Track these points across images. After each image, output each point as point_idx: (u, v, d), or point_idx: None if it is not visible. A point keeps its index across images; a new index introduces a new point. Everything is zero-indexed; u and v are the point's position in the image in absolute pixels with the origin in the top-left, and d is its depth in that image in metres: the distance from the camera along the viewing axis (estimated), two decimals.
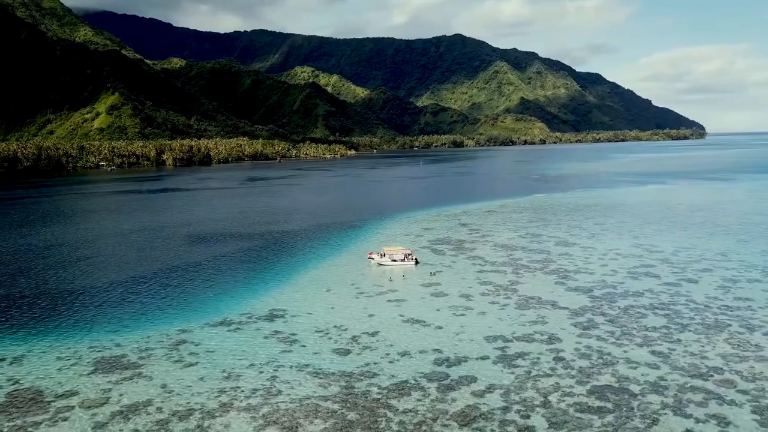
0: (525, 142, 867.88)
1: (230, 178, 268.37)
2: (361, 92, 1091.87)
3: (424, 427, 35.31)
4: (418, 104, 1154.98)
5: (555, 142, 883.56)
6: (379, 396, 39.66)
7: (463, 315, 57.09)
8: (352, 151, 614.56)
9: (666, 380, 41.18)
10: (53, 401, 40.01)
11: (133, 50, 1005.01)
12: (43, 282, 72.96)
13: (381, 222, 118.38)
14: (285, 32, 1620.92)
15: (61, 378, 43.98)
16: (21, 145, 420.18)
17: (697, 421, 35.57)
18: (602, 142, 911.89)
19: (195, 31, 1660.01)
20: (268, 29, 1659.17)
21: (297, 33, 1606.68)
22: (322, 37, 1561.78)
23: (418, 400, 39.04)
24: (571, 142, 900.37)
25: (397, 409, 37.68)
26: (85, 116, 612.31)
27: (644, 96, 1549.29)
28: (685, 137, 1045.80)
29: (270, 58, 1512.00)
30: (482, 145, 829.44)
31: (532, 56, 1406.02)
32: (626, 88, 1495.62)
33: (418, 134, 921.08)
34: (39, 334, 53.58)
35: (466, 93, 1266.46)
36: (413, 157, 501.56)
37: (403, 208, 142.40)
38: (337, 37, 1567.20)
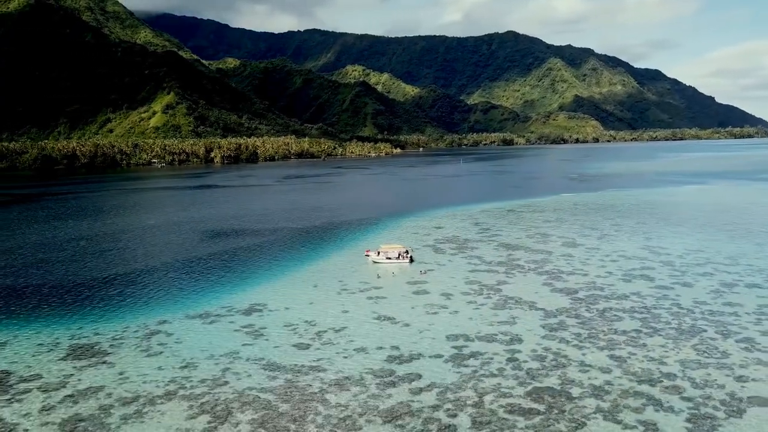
0: (577, 141, 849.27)
1: (269, 175, 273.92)
2: (411, 90, 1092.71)
3: (347, 422, 35.91)
4: (469, 102, 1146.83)
5: (608, 141, 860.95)
6: (318, 390, 40.46)
7: (435, 314, 57.18)
8: (398, 150, 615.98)
9: (612, 385, 40.34)
10: (16, 384, 42.62)
11: (190, 51, 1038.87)
12: (48, 273, 77.08)
13: (394, 220, 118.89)
14: (337, 31, 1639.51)
15: (32, 362, 46.72)
16: (80, 143, 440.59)
17: (625, 427, 34.80)
18: (659, 140, 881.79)
19: (251, 31, 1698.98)
20: (321, 29, 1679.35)
21: (349, 32, 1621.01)
22: (373, 36, 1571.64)
23: (354, 395, 39.63)
24: (625, 140, 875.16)
25: (330, 403, 38.39)
26: (142, 115, 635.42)
27: (707, 93, 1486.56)
28: (749, 135, 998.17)
29: (322, 57, 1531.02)
30: (533, 144, 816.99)
31: (588, 53, 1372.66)
32: (688, 84, 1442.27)
33: (467, 132, 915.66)
34: (29, 322, 56.84)
35: (519, 91, 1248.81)
36: (456, 156, 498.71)
37: (422, 206, 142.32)
38: (389, 36, 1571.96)
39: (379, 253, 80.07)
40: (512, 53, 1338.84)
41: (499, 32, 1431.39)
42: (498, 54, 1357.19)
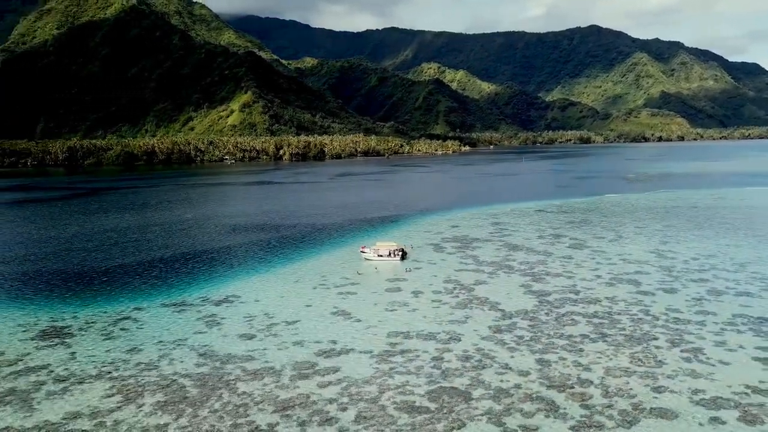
0: (660, 139, 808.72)
1: (325, 173, 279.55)
2: (487, 87, 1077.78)
3: (240, 409, 37.55)
4: (547, 99, 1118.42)
5: (695, 139, 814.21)
6: (234, 378, 42.35)
7: (392, 311, 57.79)
8: (466, 148, 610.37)
9: (519, 388, 39.81)
10: None
11: (270, 51, 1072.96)
12: (58, 261, 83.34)
13: (413, 218, 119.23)
14: (415, 29, 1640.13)
15: (3, 340, 51.37)
16: (159, 140, 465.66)
17: (504, 430, 34.50)
18: (752, 138, 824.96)
19: (330, 30, 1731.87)
20: (399, 27, 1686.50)
21: (427, 30, 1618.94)
22: (451, 33, 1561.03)
23: (263, 385, 41.23)
24: (714, 139, 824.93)
25: (236, 391, 40.18)
26: (221, 113, 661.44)
27: None
28: None
29: (400, 55, 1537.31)
30: (611, 142, 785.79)
31: (677, 46, 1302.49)
32: None
33: (544, 130, 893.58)
34: (22, 305, 62.18)
35: (600, 87, 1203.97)
36: (525, 153, 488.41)
37: (450, 204, 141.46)
38: (468, 33, 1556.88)
39: (372, 250, 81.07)
40: (594, 48, 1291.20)
41: (581, 27, 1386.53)
42: (579, 49, 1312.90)
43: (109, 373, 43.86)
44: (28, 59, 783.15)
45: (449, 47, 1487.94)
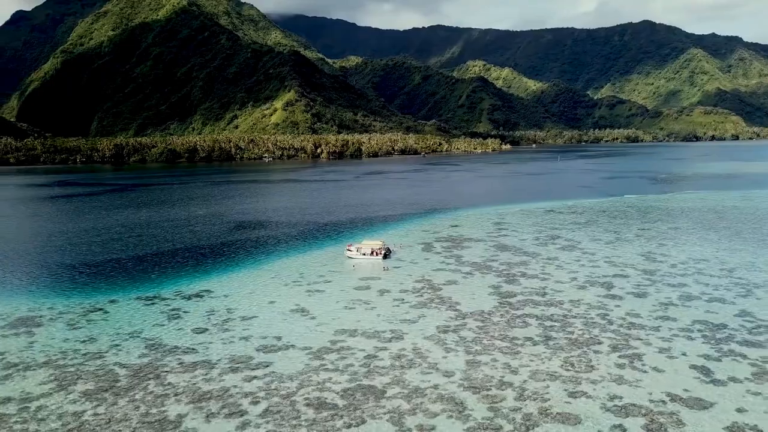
0: (712, 138, 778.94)
1: (355, 171, 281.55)
2: (533, 85, 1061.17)
3: (159, 400, 39.02)
4: (597, 96, 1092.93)
5: (751, 138, 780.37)
6: (167, 370, 43.90)
7: (351, 309, 58.49)
8: (507, 146, 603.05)
9: (435, 389, 39.89)
10: None
11: (316, 50, 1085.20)
12: (56, 254, 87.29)
13: (416, 217, 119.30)
14: (461, 27, 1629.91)
15: None
16: (201, 138, 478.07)
17: (401, 429, 34.83)
18: None
19: (376, 29, 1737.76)
20: (446, 24, 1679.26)
21: (474, 27, 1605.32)
22: (498, 30, 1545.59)
23: (191, 377, 42.61)
24: None
25: (162, 382, 41.71)
26: (264, 112, 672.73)
27: None
28: None
29: (446, 53, 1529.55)
30: (660, 141, 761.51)
31: (735, 41, 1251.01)
32: None
33: (591, 128, 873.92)
34: (2, 295, 65.72)
35: (652, 84, 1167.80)
36: (564, 153, 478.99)
37: (460, 203, 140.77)
38: (516, 29, 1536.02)
39: (356, 248, 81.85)
40: (647, 44, 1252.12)
41: (633, 22, 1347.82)
42: (631, 45, 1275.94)
43: (56, 361, 46.12)
44: (85, 60, 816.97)
45: (496, 44, 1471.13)
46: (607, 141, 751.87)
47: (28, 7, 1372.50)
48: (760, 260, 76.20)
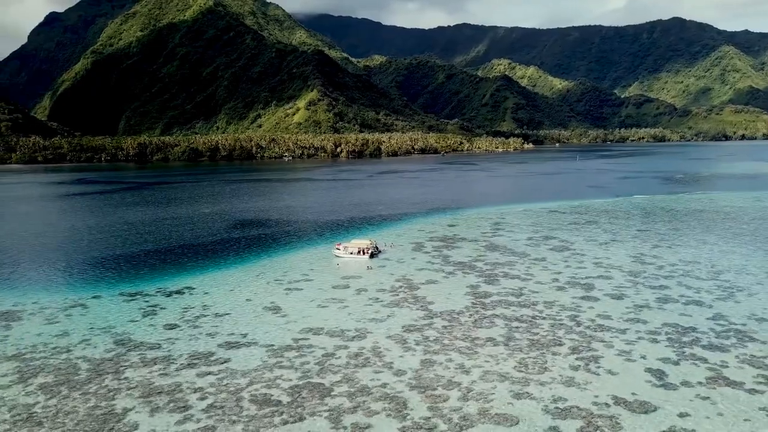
0: (743, 137, 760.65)
1: (370, 171, 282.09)
2: (559, 83, 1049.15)
3: (111, 393, 39.94)
4: (625, 95, 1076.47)
5: None
6: (127, 365, 44.82)
7: (324, 307, 58.93)
8: (529, 145, 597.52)
9: (384, 387, 40.09)
10: None
11: (341, 50, 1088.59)
12: (51, 251, 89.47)
13: (417, 216, 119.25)
14: (487, 25, 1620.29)
15: None
16: (223, 137, 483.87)
17: (337, 426, 35.12)
18: None
19: (401, 28, 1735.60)
20: (471, 23, 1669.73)
21: (500, 25, 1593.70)
22: (524, 29, 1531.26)
23: (150, 372, 43.47)
24: None
25: (120, 376, 42.63)
26: (287, 111, 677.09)
27: None
28: None
29: (471, 51, 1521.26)
30: (688, 140, 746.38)
31: None
32: None
33: (617, 127, 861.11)
34: None
35: (682, 82, 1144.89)
36: (586, 152, 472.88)
37: (464, 203, 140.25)
38: (542, 28, 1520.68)
39: (344, 247, 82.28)
40: (676, 41, 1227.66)
41: (663, 19, 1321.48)
42: (660, 43, 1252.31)
43: (24, 355, 47.47)
44: (114, 60, 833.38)
45: (522, 43, 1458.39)
46: (633, 140, 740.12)
47: (60, 9, 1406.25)
48: (751, 263, 74.59)
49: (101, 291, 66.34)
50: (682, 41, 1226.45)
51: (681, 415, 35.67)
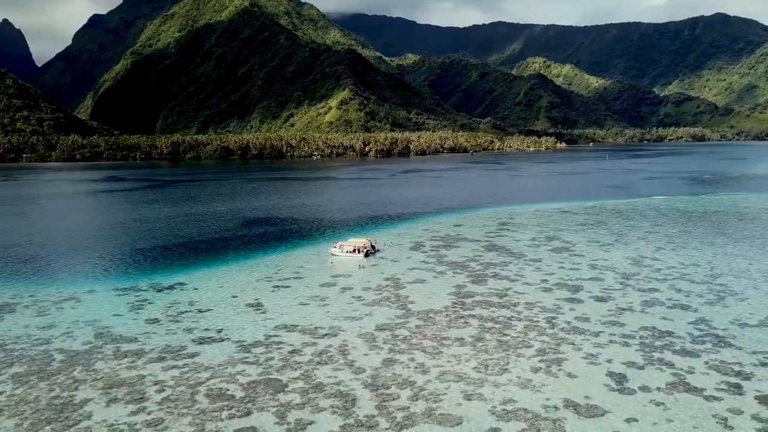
0: None
1: (393, 170, 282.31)
2: (595, 82, 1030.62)
3: (75, 384, 41.29)
4: (664, 93, 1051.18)
5: None
6: (100, 357, 46.18)
7: (305, 305, 59.55)
8: (562, 145, 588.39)
9: (339, 385, 40.42)
10: None
11: (374, 49, 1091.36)
12: (59, 246, 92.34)
13: (426, 216, 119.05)
14: (522, 23, 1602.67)
15: None
16: (254, 136, 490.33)
17: (280, 422, 35.64)
18: None
19: (436, 27, 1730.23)
20: (506, 21, 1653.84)
21: (536, 23, 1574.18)
22: (561, 26, 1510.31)
23: (118, 364, 44.73)
24: None
25: (89, 368, 43.97)
26: (319, 110, 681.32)
27: None
28: None
29: (506, 50, 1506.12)
30: (729, 140, 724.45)
31: None
32: None
33: (655, 126, 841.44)
34: None
35: (725, 80, 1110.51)
36: (618, 152, 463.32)
37: (478, 203, 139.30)
38: (579, 25, 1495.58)
39: (339, 246, 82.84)
40: (719, 38, 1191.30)
41: (706, 15, 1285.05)
42: (702, 39, 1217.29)
43: (5, 345, 49.33)
44: (152, 61, 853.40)
45: (558, 41, 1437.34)
46: (670, 140, 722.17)
47: (103, 11, 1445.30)
48: (754, 267, 72.37)
49: (96, 285, 68.36)
50: (725, 37, 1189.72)
51: (628, 420, 35.07)
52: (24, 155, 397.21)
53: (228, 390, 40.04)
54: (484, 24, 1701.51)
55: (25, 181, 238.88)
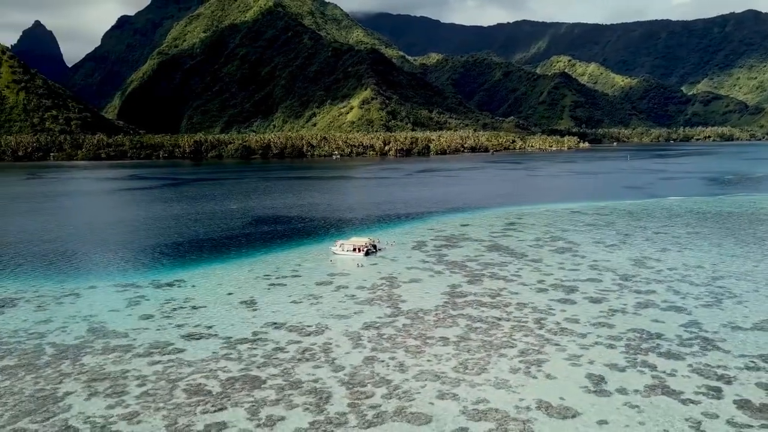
0: None
1: (409, 169, 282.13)
2: (621, 81, 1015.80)
3: (60, 378, 42.28)
4: (693, 92, 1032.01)
5: None
6: (89, 352, 47.18)
7: (297, 303, 60.04)
8: (585, 144, 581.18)
9: (316, 383, 40.68)
10: None
11: (398, 48, 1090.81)
12: (67, 242, 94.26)
13: (433, 215, 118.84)
14: (548, 21, 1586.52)
15: None
16: (276, 135, 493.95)
17: (252, 417, 36.07)
18: None
19: (460, 26, 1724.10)
20: (531, 19, 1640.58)
21: (561, 21, 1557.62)
22: (585, 24, 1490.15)
23: (105, 359, 45.67)
24: None
25: (77, 362, 44.97)
26: (341, 110, 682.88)
27: None
28: None
29: (531, 48, 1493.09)
30: (759, 140, 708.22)
31: None
32: None
33: (682, 126, 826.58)
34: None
35: (756, 78, 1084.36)
36: (641, 152, 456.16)
37: (487, 203, 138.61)
38: (605, 23, 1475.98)
39: (340, 245, 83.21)
40: (750, 35, 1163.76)
41: (736, 12, 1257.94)
42: (732, 37, 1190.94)
43: (2, 338, 50.72)
44: (178, 61, 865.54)
45: (584, 39, 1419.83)
46: (698, 139, 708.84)
47: (131, 12, 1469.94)
48: (759, 269, 70.88)
49: (98, 281, 69.75)
50: (756, 34, 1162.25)
51: (599, 423, 34.74)
52: (51, 154, 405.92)
53: (206, 386, 40.61)
54: (508, 22, 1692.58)
55: (49, 180, 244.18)
